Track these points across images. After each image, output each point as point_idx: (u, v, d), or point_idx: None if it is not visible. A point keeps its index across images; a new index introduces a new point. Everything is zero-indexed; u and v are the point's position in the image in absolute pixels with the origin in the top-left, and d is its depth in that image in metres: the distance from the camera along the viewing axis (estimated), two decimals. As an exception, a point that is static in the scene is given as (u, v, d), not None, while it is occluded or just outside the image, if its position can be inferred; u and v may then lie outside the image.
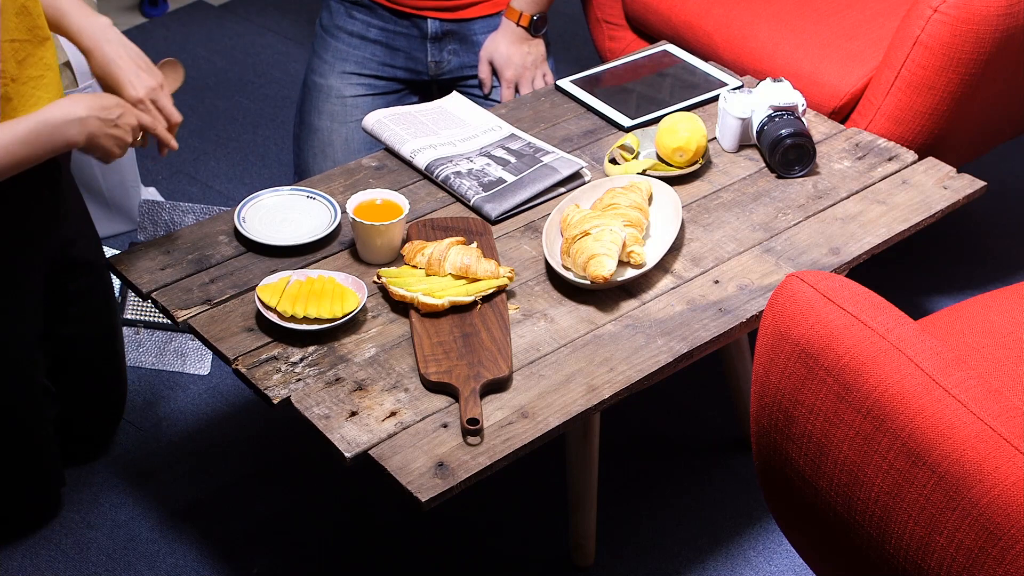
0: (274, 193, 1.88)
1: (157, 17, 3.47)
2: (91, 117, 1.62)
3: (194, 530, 1.99)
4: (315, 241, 1.79)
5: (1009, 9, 2.06)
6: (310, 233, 1.81)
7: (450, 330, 1.64)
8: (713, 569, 1.94)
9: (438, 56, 2.44)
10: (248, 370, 1.60)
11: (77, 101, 1.62)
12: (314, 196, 1.87)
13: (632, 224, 1.76)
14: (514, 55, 2.39)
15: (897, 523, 1.23)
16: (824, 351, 1.27)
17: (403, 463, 1.47)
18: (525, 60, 2.40)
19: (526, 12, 2.37)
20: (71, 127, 1.61)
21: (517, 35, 2.39)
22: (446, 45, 2.43)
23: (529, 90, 2.40)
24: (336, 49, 2.45)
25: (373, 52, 2.43)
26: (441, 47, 2.43)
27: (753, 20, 2.42)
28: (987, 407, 1.15)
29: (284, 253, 1.78)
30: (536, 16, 2.37)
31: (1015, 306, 1.79)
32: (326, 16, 2.48)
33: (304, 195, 1.88)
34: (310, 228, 1.82)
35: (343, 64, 2.44)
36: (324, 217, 1.84)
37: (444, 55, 2.44)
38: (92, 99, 1.64)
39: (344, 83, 2.43)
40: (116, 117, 1.64)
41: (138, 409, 2.20)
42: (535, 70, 2.42)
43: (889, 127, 2.16)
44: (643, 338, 1.65)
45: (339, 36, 2.45)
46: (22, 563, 1.94)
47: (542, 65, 2.43)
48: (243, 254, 1.79)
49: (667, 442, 2.16)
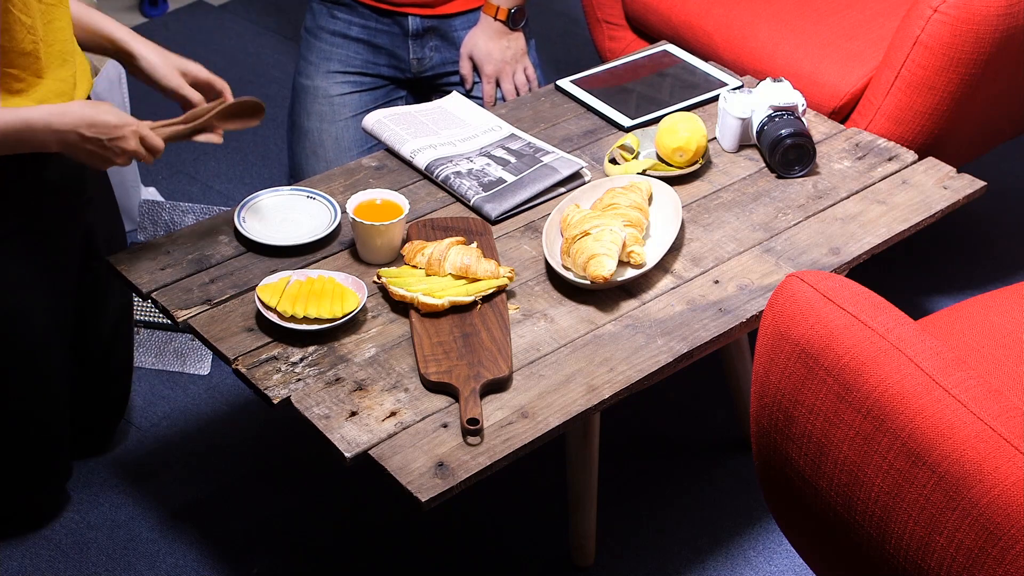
0: (274, 193, 1.88)
1: (157, 17, 3.47)
2: (72, 132, 1.60)
3: (194, 530, 1.99)
4: (315, 241, 1.79)
5: (1009, 9, 2.06)
6: (310, 233, 1.80)
7: (450, 330, 1.64)
8: (713, 569, 1.94)
9: (420, 53, 2.44)
10: (248, 370, 1.60)
11: (68, 111, 1.61)
12: (314, 196, 1.87)
13: (632, 224, 1.76)
14: (493, 50, 2.38)
15: (897, 523, 1.23)
16: (824, 351, 1.27)
17: (403, 463, 1.47)
18: (505, 55, 2.39)
19: (503, 6, 2.36)
20: (47, 135, 1.60)
21: (495, 30, 2.38)
22: (427, 42, 2.43)
23: (511, 85, 2.40)
24: (320, 50, 2.44)
25: (356, 50, 2.43)
26: (422, 44, 2.43)
27: (753, 20, 2.42)
28: (987, 407, 1.15)
29: (284, 253, 1.78)
30: (513, 9, 2.36)
31: (1015, 306, 1.79)
32: (309, 18, 2.48)
33: (304, 195, 1.88)
34: (310, 228, 1.82)
35: (327, 64, 2.43)
36: (324, 217, 1.84)
37: (426, 52, 2.44)
38: (87, 112, 1.62)
39: (330, 82, 2.43)
40: (107, 138, 1.62)
41: (138, 409, 2.20)
42: (516, 64, 2.41)
43: (889, 127, 2.16)
44: (643, 338, 1.65)
45: (322, 36, 2.44)
46: (22, 563, 1.94)
47: (523, 59, 2.42)
48: (243, 254, 1.79)
49: (667, 442, 2.16)
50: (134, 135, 1.64)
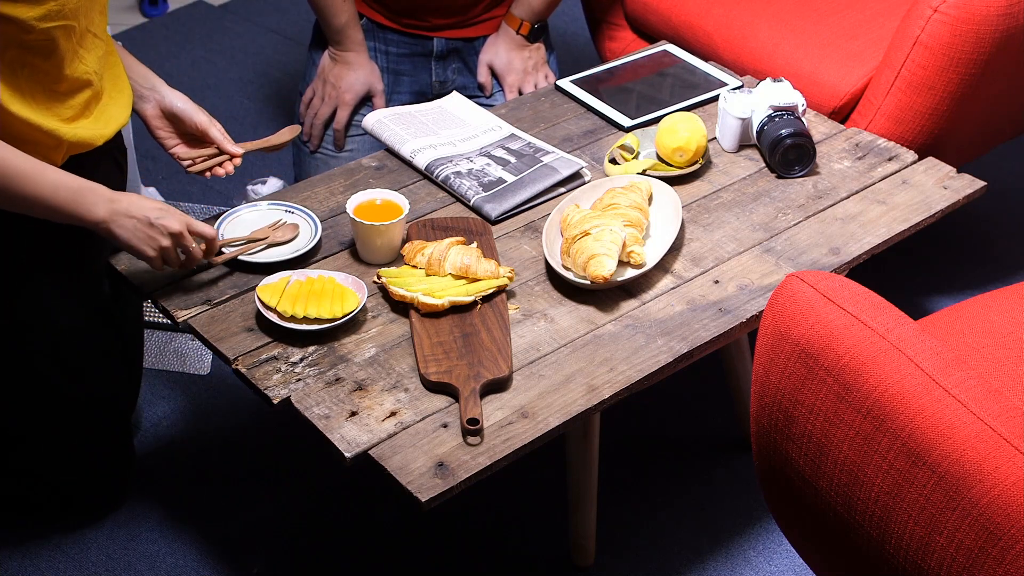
0: (252, 209, 1.86)
1: (157, 17, 3.47)
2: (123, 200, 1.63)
3: (194, 530, 1.99)
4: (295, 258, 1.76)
5: (1009, 9, 2.06)
6: (291, 249, 1.78)
7: (450, 330, 1.64)
8: (713, 569, 1.94)
9: (443, 76, 2.43)
10: (248, 370, 1.60)
11: (124, 194, 1.66)
12: (293, 210, 1.85)
13: (632, 224, 1.76)
14: (515, 60, 2.39)
15: (897, 523, 1.23)
16: (824, 351, 1.27)
17: (403, 463, 1.47)
18: (527, 65, 2.40)
19: (528, 21, 2.36)
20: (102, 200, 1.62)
21: (516, 41, 2.39)
22: (450, 64, 2.43)
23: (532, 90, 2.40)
24: None
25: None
26: (445, 66, 2.43)
27: (753, 20, 2.42)
28: (987, 407, 1.15)
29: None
30: (537, 25, 2.37)
31: (1015, 306, 1.79)
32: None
33: (283, 209, 1.86)
34: (291, 245, 1.80)
35: None
36: (304, 232, 1.82)
37: (448, 74, 2.44)
38: (135, 196, 1.66)
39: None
40: (154, 217, 1.64)
41: (138, 409, 2.20)
42: (536, 74, 2.41)
43: (889, 127, 2.16)
44: (643, 338, 1.65)
45: None
46: (22, 563, 1.94)
47: (543, 68, 2.43)
48: (243, 254, 1.79)
49: (667, 442, 2.16)
50: (181, 220, 1.66)
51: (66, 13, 1.60)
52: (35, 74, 1.62)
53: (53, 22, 1.59)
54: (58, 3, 1.58)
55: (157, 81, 1.86)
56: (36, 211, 1.62)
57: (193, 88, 3.13)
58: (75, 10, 1.62)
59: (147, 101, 1.85)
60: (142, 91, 1.85)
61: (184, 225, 1.66)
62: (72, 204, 1.61)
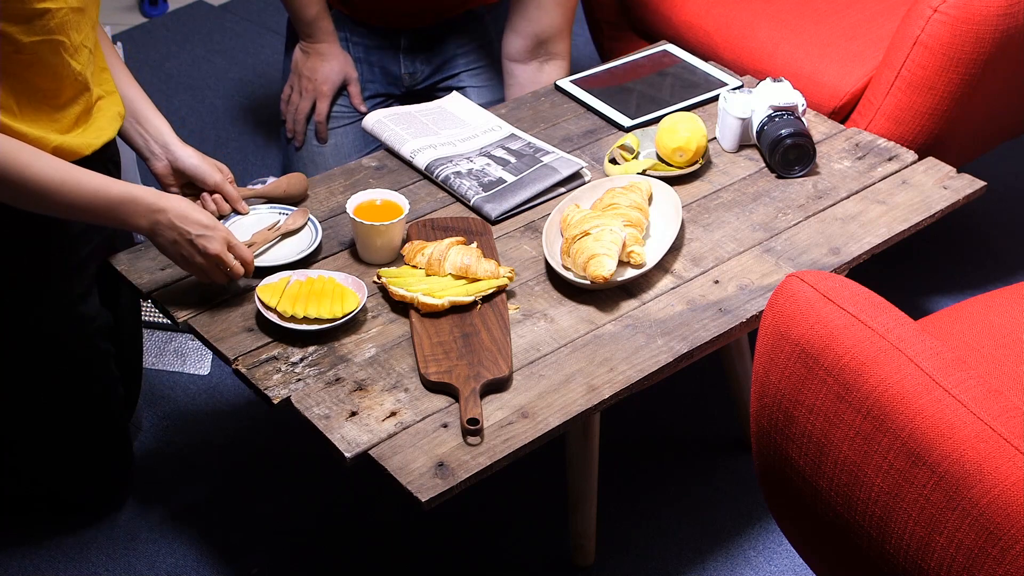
0: (252, 212, 1.86)
1: (157, 17, 3.47)
2: (167, 212, 1.62)
3: (194, 530, 1.99)
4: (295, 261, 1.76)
5: (1009, 9, 2.06)
6: (294, 251, 1.78)
7: (450, 330, 1.64)
8: (713, 569, 1.94)
9: (411, 68, 2.46)
10: (248, 370, 1.60)
11: (170, 197, 1.65)
12: (287, 213, 1.85)
13: (632, 224, 1.76)
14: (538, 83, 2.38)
15: (897, 523, 1.23)
16: (824, 351, 1.27)
17: (403, 463, 1.47)
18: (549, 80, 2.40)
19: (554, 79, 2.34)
20: (146, 210, 1.62)
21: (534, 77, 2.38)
22: (417, 56, 2.45)
23: None
24: None
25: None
26: (413, 59, 2.45)
27: (753, 20, 2.42)
28: (987, 407, 1.15)
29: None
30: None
31: (1015, 306, 1.79)
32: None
33: (279, 211, 1.86)
34: (292, 247, 1.80)
35: None
36: (305, 235, 1.82)
37: (416, 65, 2.46)
38: (184, 203, 1.65)
39: None
40: (196, 234, 1.63)
41: (138, 409, 2.19)
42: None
43: (889, 127, 2.17)
44: (643, 338, 1.65)
45: None
46: (22, 563, 1.94)
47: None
48: (243, 254, 1.79)
49: (667, 442, 2.16)
50: (222, 241, 1.65)
51: (52, 28, 1.59)
52: (27, 88, 1.61)
53: (39, 36, 1.58)
54: (44, 19, 1.57)
55: (171, 138, 1.84)
56: (77, 218, 1.63)
57: (193, 88, 3.13)
58: (62, 24, 1.61)
59: (159, 160, 1.84)
60: (154, 148, 1.84)
61: (224, 247, 1.65)
62: (112, 213, 1.61)
